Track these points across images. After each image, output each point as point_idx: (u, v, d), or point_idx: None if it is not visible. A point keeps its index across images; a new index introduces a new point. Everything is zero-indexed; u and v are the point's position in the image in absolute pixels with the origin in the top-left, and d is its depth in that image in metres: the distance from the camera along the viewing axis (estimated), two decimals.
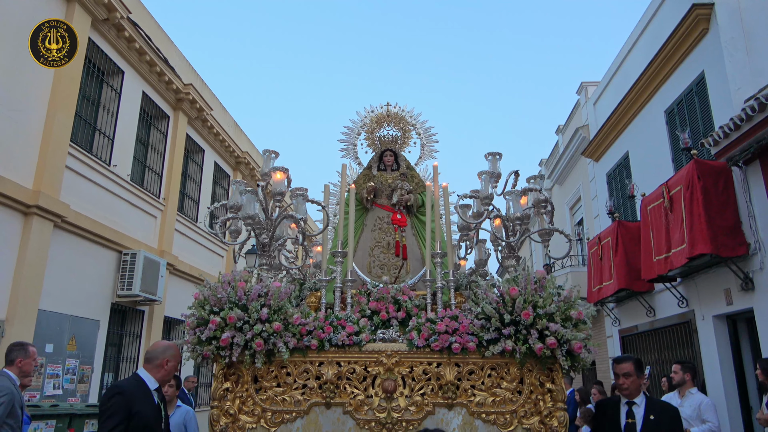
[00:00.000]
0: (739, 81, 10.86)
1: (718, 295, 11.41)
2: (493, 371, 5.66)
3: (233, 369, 5.64)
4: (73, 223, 11.90)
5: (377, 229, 7.74)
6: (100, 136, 13.50)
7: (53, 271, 11.28)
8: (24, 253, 10.51)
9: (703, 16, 11.81)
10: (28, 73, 10.82)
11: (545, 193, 5.88)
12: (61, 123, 11.48)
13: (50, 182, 11.14)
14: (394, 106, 8.22)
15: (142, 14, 14.75)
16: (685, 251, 10.56)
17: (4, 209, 10.21)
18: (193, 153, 18.71)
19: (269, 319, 5.47)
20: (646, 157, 14.92)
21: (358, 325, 5.77)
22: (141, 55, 14.49)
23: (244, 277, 5.63)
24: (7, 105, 10.33)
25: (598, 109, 18.56)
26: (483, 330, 5.58)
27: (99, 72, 13.55)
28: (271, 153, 6.09)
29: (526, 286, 5.53)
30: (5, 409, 6.28)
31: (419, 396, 5.58)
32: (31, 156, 10.89)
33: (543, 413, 5.51)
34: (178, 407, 7.41)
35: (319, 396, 5.60)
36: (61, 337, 11.58)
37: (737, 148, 9.86)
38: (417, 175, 8.21)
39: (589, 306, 5.62)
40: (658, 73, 13.89)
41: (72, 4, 11.94)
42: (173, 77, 15.91)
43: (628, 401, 5.65)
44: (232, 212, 5.94)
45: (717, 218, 10.19)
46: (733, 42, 11.18)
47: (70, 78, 11.77)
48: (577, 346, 5.36)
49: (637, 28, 15.65)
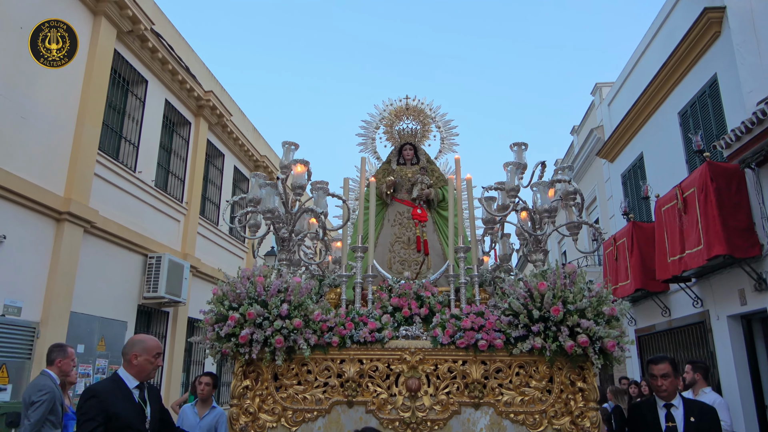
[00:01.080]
0: (751, 84, 10.64)
1: (732, 295, 11.13)
2: (522, 369, 5.20)
3: (253, 366, 5.24)
4: (102, 228, 11.97)
5: (397, 224, 7.26)
6: (125, 143, 13.51)
7: (83, 274, 11.34)
8: (57, 258, 10.61)
9: (715, 20, 11.55)
10: (58, 86, 10.87)
11: (574, 184, 5.37)
12: (90, 132, 11.53)
13: (80, 189, 11.23)
14: (414, 99, 7.73)
15: (165, 25, 14.75)
16: (702, 252, 10.34)
17: (39, 216, 10.36)
18: (214, 158, 18.63)
19: (289, 315, 5.06)
20: (661, 159, 14.61)
21: (381, 322, 5.35)
22: (164, 64, 14.46)
23: (264, 273, 5.22)
24: (40, 118, 10.42)
25: (612, 110, 18.14)
26: (510, 327, 5.13)
27: (124, 81, 13.54)
28: (290, 145, 5.65)
29: (555, 281, 5.04)
30: (47, 406, 6.61)
31: (444, 395, 5.14)
32: (62, 165, 10.96)
33: (574, 413, 5.04)
34: (213, 408, 7.07)
35: (341, 394, 5.16)
36: (91, 337, 11.70)
37: (749, 150, 9.70)
38: (437, 169, 7.73)
39: (622, 302, 5.08)
40: (671, 76, 13.60)
41: (98, 17, 12.01)
42: (194, 85, 15.86)
43: (666, 403, 5.21)
44: (251, 206, 5.46)
45: (730, 220, 10.02)
46: (745, 45, 10.96)
47: (97, 89, 11.82)
48: (610, 344, 4.89)
49: (650, 31, 15.33)
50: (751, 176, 10.28)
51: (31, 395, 6.71)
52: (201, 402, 7.34)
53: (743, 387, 11.08)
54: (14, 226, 9.79)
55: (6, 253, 9.59)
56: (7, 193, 9.60)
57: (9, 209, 9.75)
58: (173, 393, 14.28)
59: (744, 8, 11.17)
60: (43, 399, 6.60)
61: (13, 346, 9.76)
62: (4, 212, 9.64)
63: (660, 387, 5.23)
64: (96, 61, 11.79)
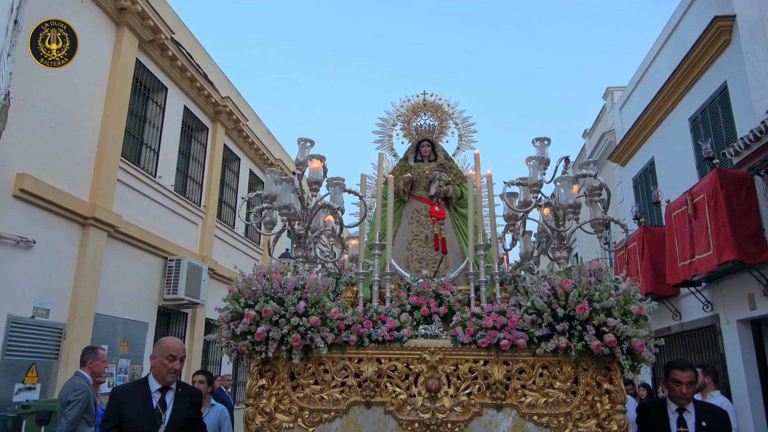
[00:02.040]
0: (760, 91, 10.44)
1: (741, 300, 10.97)
2: (545, 370, 4.82)
3: (269, 365, 4.89)
4: (124, 233, 12.04)
5: (415, 221, 6.90)
6: (146, 149, 13.55)
7: (107, 277, 11.45)
8: (82, 262, 10.73)
9: (725, 28, 11.33)
10: (83, 95, 11.00)
11: (600, 179, 4.97)
12: (113, 140, 11.65)
13: (104, 195, 11.36)
14: (431, 95, 7.34)
15: (184, 33, 14.75)
16: (712, 258, 10.15)
17: (65, 221, 10.48)
18: (230, 162, 18.59)
19: (306, 312, 4.72)
20: (671, 164, 14.34)
21: (400, 320, 4.99)
22: (183, 72, 14.47)
23: (280, 269, 4.89)
24: (67, 126, 10.52)
25: (624, 114, 17.77)
26: (533, 326, 4.75)
27: (144, 89, 13.55)
28: (306, 141, 5.30)
29: (580, 279, 4.65)
30: (83, 405, 6.81)
31: (465, 396, 4.76)
32: (87, 171, 11.09)
33: (600, 416, 4.65)
34: (212, 406, 6.55)
35: (359, 395, 4.81)
36: (114, 338, 11.79)
37: (758, 158, 9.56)
38: (455, 165, 7.33)
39: (650, 300, 4.68)
40: (682, 82, 13.32)
41: (121, 28, 12.08)
42: (212, 91, 15.84)
43: (679, 408, 4.90)
44: (266, 202, 5.09)
45: (740, 226, 9.81)
46: (755, 53, 10.75)
47: (120, 97, 11.92)
48: (638, 344, 4.50)
49: (661, 36, 15.05)
50: (760, 183, 10.03)
51: (67, 395, 6.86)
52: None
53: (753, 391, 10.85)
54: (43, 231, 9.86)
55: (35, 257, 9.67)
56: (37, 199, 9.67)
57: (38, 215, 9.82)
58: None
59: (754, 17, 10.94)
60: (78, 398, 6.79)
61: (42, 346, 9.85)
62: (34, 218, 9.73)
63: (685, 395, 4.92)
64: (119, 71, 11.89)
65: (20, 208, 9.45)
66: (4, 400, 9.03)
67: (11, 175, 9.23)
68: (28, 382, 9.51)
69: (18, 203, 9.39)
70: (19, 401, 9.10)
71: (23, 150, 9.49)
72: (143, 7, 12.09)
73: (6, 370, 9.07)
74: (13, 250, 9.24)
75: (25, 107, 9.48)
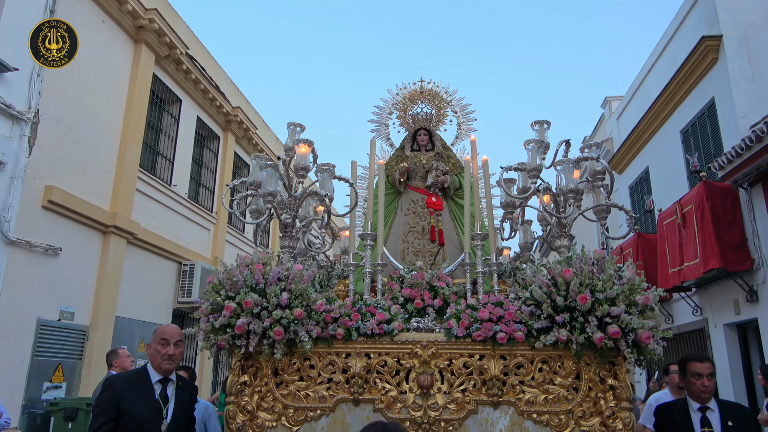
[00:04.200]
0: (745, 108, 10.37)
1: (727, 305, 10.92)
2: (545, 365, 4.14)
3: (251, 361, 4.26)
4: (143, 239, 11.88)
5: (411, 213, 6.15)
6: (161, 159, 13.31)
7: (126, 281, 11.31)
8: (104, 268, 10.67)
9: (712, 47, 11.16)
10: (104, 110, 10.93)
11: (603, 162, 4.22)
12: (132, 151, 11.54)
13: (124, 204, 11.26)
14: (428, 83, 6.64)
15: (197, 46, 14.56)
16: (699, 265, 10.18)
17: (88, 229, 10.42)
18: (240, 169, 18.14)
19: (290, 305, 4.08)
20: (664, 173, 14.11)
21: (390, 312, 4.33)
22: (196, 84, 14.26)
23: (263, 260, 4.24)
24: (89, 139, 10.46)
25: (621, 123, 17.27)
26: (532, 317, 4.09)
27: (160, 102, 13.36)
28: (296, 126, 4.57)
29: (581, 267, 3.97)
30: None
31: (459, 392, 4.09)
32: (108, 182, 11.02)
33: (604, 414, 3.97)
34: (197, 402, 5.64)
35: (347, 391, 4.15)
36: (133, 340, 11.62)
37: (741, 172, 9.56)
38: (453, 155, 6.57)
39: (656, 289, 3.96)
40: (673, 96, 13.07)
41: (139, 45, 11.95)
42: (223, 102, 15.58)
43: (701, 406, 4.14)
44: (251, 189, 4.36)
45: (724, 235, 9.89)
46: (741, 72, 10.67)
47: (138, 111, 11.80)
48: (644, 335, 3.83)
49: (655, 51, 14.75)
50: (744, 195, 10.06)
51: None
52: None
53: (738, 391, 10.74)
54: (68, 239, 9.82)
55: (61, 264, 9.62)
56: (63, 210, 9.67)
57: (64, 224, 9.79)
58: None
59: (739, 37, 10.85)
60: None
61: (67, 348, 9.83)
62: (61, 227, 9.70)
63: (707, 388, 4.17)
64: (137, 85, 11.84)
65: (49, 218, 9.44)
66: (33, 398, 9.10)
67: (40, 188, 9.24)
68: (55, 381, 9.54)
69: (47, 214, 9.39)
70: (47, 399, 9.20)
71: (51, 163, 9.47)
72: (160, 24, 11.98)
73: (36, 370, 9.11)
74: (42, 258, 9.23)
75: (53, 123, 9.46)
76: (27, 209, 8.85)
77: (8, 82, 8.45)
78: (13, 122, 8.54)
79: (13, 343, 8.65)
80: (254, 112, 18.20)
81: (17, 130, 8.61)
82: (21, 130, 8.65)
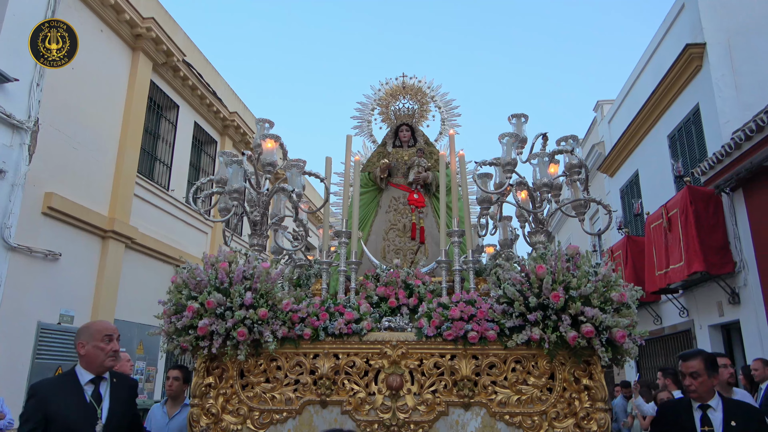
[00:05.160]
0: (728, 114, 10.39)
1: (712, 306, 10.92)
2: (518, 365, 3.87)
3: (216, 362, 4.01)
4: (141, 243, 11.73)
5: (392, 210, 5.86)
6: (159, 164, 13.17)
7: (125, 285, 11.18)
8: (102, 272, 10.58)
9: (696, 55, 11.15)
10: (102, 117, 10.80)
11: (578, 155, 3.91)
12: (130, 157, 11.41)
13: (122, 209, 11.13)
14: (411, 78, 6.32)
15: (194, 53, 14.37)
16: (683, 268, 10.24)
17: (88, 235, 10.32)
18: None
19: (254, 304, 3.81)
20: (652, 177, 14.04)
21: (359, 311, 4.04)
22: (193, 90, 14.05)
23: (229, 258, 3.96)
24: (88, 146, 10.35)
25: (612, 127, 17.16)
26: (505, 316, 3.82)
27: (158, 108, 13.24)
28: (264, 122, 4.32)
29: (555, 264, 3.67)
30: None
31: (430, 394, 3.83)
32: (106, 188, 10.91)
33: (579, 415, 3.71)
34: (185, 406, 5.31)
35: (314, 393, 3.90)
36: (131, 342, 11.47)
37: (722, 178, 9.65)
38: (436, 151, 6.22)
39: (633, 287, 3.66)
40: (660, 101, 13.00)
41: (137, 52, 11.78)
42: (221, 107, 15.33)
43: (702, 404, 3.80)
44: (218, 186, 4.07)
45: (707, 239, 9.93)
46: (723, 79, 10.68)
47: (136, 117, 11.67)
48: (619, 334, 3.58)
49: (644, 56, 14.64)
50: (726, 200, 10.13)
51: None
52: (171, 400, 5.50)
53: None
54: (67, 244, 9.74)
55: (61, 268, 9.54)
56: (63, 216, 9.59)
57: (63, 229, 9.71)
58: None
59: (722, 45, 10.83)
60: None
61: (68, 351, 9.54)
62: (60, 232, 9.63)
63: (688, 387, 3.86)
64: (135, 92, 11.72)
65: (48, 224, 9.37)
66: None
67: (40, 195, 9.17)
68: None
69: (46, 220, 9.32)
70: None
71: (51, 171, 9.39)
72: (157, 33, 11.83)
73: (36, 372, 8.89)
74: (42, 263, 9.16)
75: (52, 131, 9.36)
76: (27, 216, 8.80)
77: (8, 92, 8.43)
78: (13, 131, 8.52)
79: (15, 346, 8.54)
80: (251, 117, 17.87)
81: (17, 138, 8.59)
82: (21, 138, 8.63)
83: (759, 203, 9.19)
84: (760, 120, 8.22)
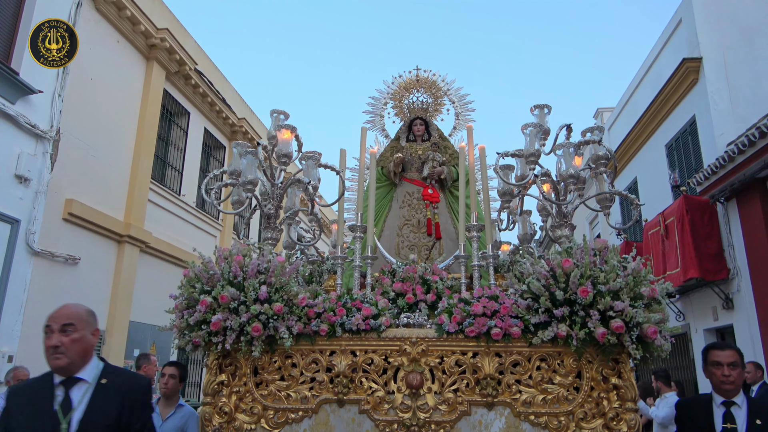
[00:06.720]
0: (723, 126, 10.31)
1: (707, 311, 10.86)
2: (543, 363, 3.53)
3: (230, 359, 3.68)
4: (154, 247, 11.62)
5: (406, 205, 5.51)
6: (171, 170, 13.01)
7: (139, 288, 11.09)
8: (118, 275, 10.54)
9: (692, 68, 11.05)
10: (118, 125, 10.72)
11: (605, 147, 3.57)
12: (144, 164, 11.31)
13: (137, 214, 11.07)
14: (425, 71, 5.99)
15: (204, 61, 14.18)
16: (679, 274, 10.17)
17: (104, 239, 10.27)
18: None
19: (269, 299, 3.50)
20: (651, 185, 13.83)
21: (377, 307, 3.71)
22: (204, 97, 13.88)
23: (243, 252, 3.70)
24: (105, 154, 10.29)
25: (612, 134, 16.78)
26: (529, 312, 3.48)
27: (170, 115, 13.11)
28: (279, 113, 3.96)
29: (582, 258, 3.36)
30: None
31: (451, 393, 3.49)
32: (122, 194, 10.86)
33: (608, 415, 3.37)
34: (180, 407, 4.80)
35: (331, 392, 3.56)
36: (145, 343, 11.31)
37: (717, 188, 9.69)
38: (451, 145, 5.90)
39: (664, 281, 3.33)
40: (658, 112, 12.87)
41: (150, 62, 11.69)
42: (229, 113, 15.13)
43: (726, 401, 3.41)
44: (232, 178, 3.74)
45: (702, 247, 9.95)
46: (719, 92, 10.59)
47: (150, 125, 11.54)
48: (650, 330, 3.24)
49: (642, 67, 14.39)
50: (720, 209, 10.15)
51: None
52: (164, 399, 4.90)
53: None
54: (86, 248, 9.74)
55: (79, 272, 9.51)
56: (82, 221, 9.58)
57: (82, 234, 9.69)
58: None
59: (718, 59, 10.75)
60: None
61: None
62: (79, 237, 9.60)
63: (728, 378, 3.46)
64: (149, 101, 11.62)
65: (69, 229, 9.35)
66: None
67: (61, 202, 9.16)
68: None
69: (67, 225, 9.30)
70: None
71: (71, 178, 9.37)
72: (171, 43, 11.70)
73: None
74: (63, 267, 9.14)
75: (72, 140, 9.34)
76: (49, 222, 8.81)
77: (33, 104, 8.45)
78: (37, 141, 8.52)
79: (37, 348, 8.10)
80: (258, 122, 17.71)
81: (41, 147, 8.58)
82: (44, 147, 8.62)
83: (752, 213, 9.28)
84: (752, 135, 8.35)
